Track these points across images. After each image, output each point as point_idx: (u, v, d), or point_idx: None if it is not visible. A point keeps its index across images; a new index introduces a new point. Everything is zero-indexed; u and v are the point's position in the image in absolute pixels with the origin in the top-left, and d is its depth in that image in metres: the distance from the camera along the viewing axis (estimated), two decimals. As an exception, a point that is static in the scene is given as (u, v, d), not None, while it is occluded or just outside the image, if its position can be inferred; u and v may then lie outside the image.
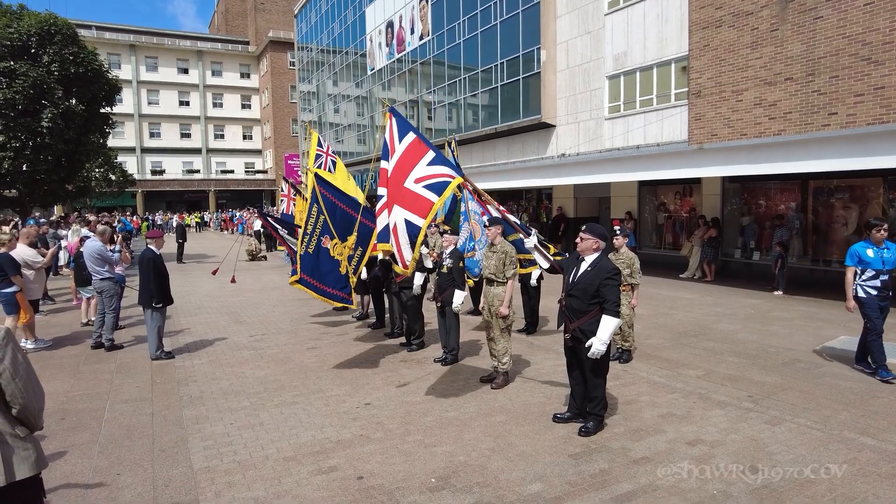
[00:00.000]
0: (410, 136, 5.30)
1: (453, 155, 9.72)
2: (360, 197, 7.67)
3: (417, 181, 5.04)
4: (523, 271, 8.18)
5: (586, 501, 3.77)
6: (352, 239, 6.60)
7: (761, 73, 11.71)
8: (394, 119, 5.42)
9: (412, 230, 4.97)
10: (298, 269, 6.50)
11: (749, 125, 12.03)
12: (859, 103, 10.13)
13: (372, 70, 29.20)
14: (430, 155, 5.18)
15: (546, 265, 5.88)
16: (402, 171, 5.17)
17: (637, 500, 3.78)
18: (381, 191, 5.34)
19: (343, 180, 8.01)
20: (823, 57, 10.60)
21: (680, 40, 13.75)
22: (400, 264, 5.19)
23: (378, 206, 5.43)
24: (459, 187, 6.06)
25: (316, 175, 6.73)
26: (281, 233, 9.34)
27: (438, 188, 4.95)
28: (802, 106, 11.02)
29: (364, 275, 8.27)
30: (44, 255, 9.18)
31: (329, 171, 8.07)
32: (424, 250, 7.19)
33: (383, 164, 5.38)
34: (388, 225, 5.15)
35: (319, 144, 8.17)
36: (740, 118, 12.20)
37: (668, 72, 14.36)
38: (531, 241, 5.75)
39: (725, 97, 12.47)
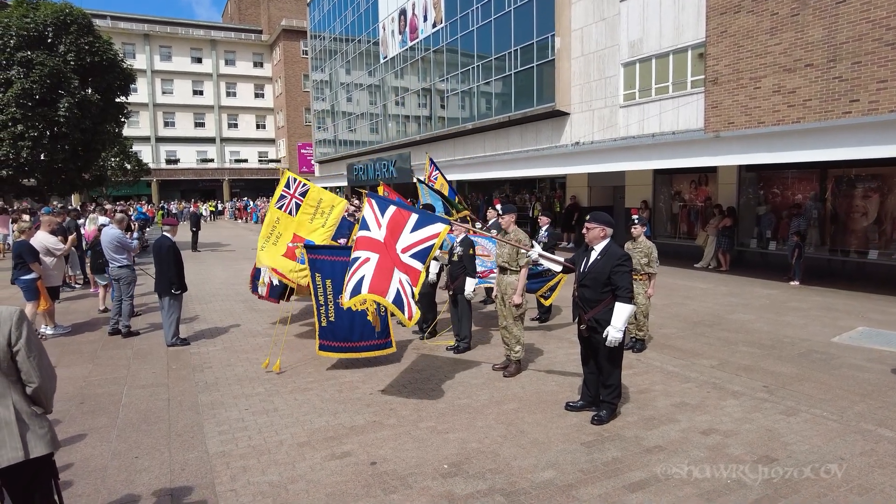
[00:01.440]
0: (391, 209, 5.51)
1: (429, 180, 9.71)
2: (326, 227, 7.35)
3: (404, 251, 5.36)
4: (547, 303, 8.03)
5: (599, 489, 3.77)
6: None
7: (780, 59, 11.47)
8: (373, 201, 5.64)
9: (410, 291, 5.28)
10: (318, 339, 6.38)
11: (767, 113, 11.82)
12: (882, 90, 9.90)
13: (385, 58, 29.08)
14: (413, 219, 5.41)
15: (559, 268, 5.85)
16: (392, 238, 5.42)
17: (650, 488, 3.77)
18: (358, 253, 5.40)
19: (305, 221, 7.37)
20: (846, 42, 10.36)
21: (697, 26, 13.51)
22: (407, 316, 5.17)
23: (359, 262, 5.38)
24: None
25: (305, 246, 6.57)
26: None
27: (422, 255, 5.30)
28: (823, 93, 10.79)
29: None
30: (64, 243, 9.31)
31: (290, 213, 7.34)
32: (437, 252, 7.22)
33: (362, 233, 5.48)
34: (394, 284, 5.26)
35: (287, 185, 7.41)
36: (758, 106, 11.99)
37: (684, 59, 14.14)
38: (534, 252, 5.72)
39: (743, 84, 12.25)
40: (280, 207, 7.38)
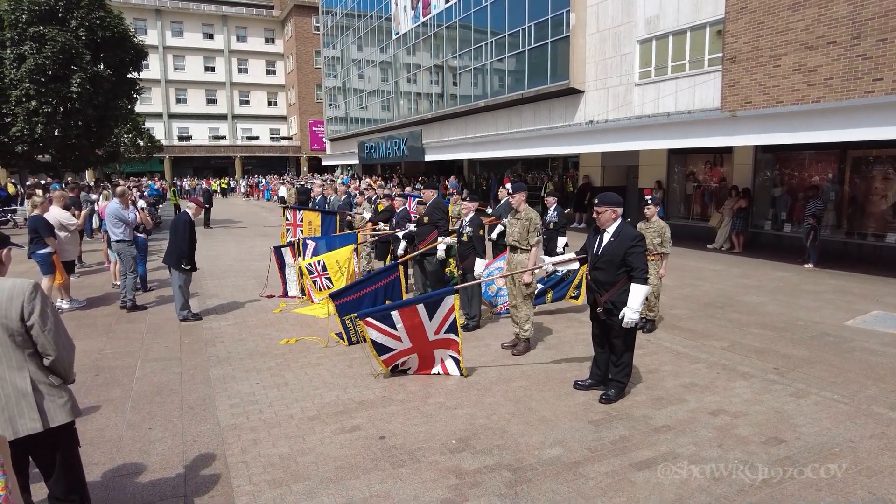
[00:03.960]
0: (394, 314, 5.29)
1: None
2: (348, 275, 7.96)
3: (436, 332, 5.39)
4: (578, 302, 7.70)
5: (605, 467, 3.79)
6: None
7: (802, 36, 11.16)
8: (373, 321, 5.31)
9: (453, 359, 5.55)
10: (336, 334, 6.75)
11: (786, 92, 11.54)
12: (907, 68, 9.62)
13: (397, 34, 28.72)
14: (422, 309, 5.29)
15: (577, 265, 5.80)
16: (419, 335, 5.38)
17: (657, 467, 3.78)
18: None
19: (340, 286, 7.73)
20: (871, 18, 10.04)
21: (716, 2, 13.16)
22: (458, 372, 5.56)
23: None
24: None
25: (329, 297, 6.61)
26: (287, 268, 9.06)
27: (452, 328, 5.38)
28: (845, 71, 10.50)
29: (401, 250, 8.29)
30: (77, 218, 9.39)
31: (328, 288, 8.03)
32: (446, 238, 7.23)
33: (383, 357, 5.46)
34: (436, 368, 5.61)
35: (310, 272, 8.25)
36: (777, 84, 11.70)
37: (702, 36, 13.81)
38: (549, 266, 5.54)
39: (762, 63, 11.95)
40: (319, 290, 8.23)
